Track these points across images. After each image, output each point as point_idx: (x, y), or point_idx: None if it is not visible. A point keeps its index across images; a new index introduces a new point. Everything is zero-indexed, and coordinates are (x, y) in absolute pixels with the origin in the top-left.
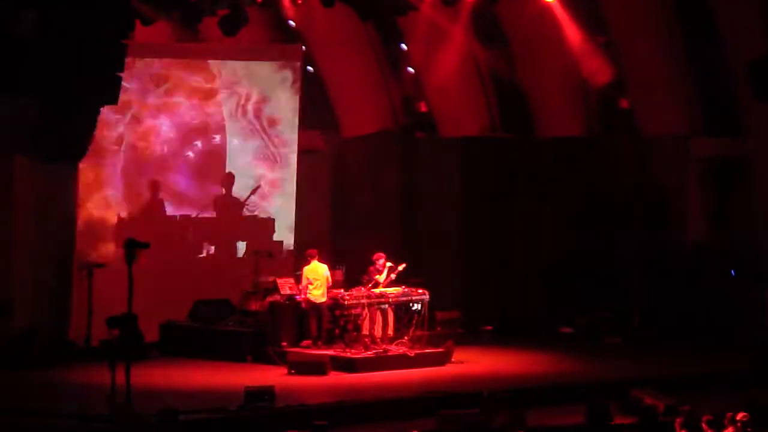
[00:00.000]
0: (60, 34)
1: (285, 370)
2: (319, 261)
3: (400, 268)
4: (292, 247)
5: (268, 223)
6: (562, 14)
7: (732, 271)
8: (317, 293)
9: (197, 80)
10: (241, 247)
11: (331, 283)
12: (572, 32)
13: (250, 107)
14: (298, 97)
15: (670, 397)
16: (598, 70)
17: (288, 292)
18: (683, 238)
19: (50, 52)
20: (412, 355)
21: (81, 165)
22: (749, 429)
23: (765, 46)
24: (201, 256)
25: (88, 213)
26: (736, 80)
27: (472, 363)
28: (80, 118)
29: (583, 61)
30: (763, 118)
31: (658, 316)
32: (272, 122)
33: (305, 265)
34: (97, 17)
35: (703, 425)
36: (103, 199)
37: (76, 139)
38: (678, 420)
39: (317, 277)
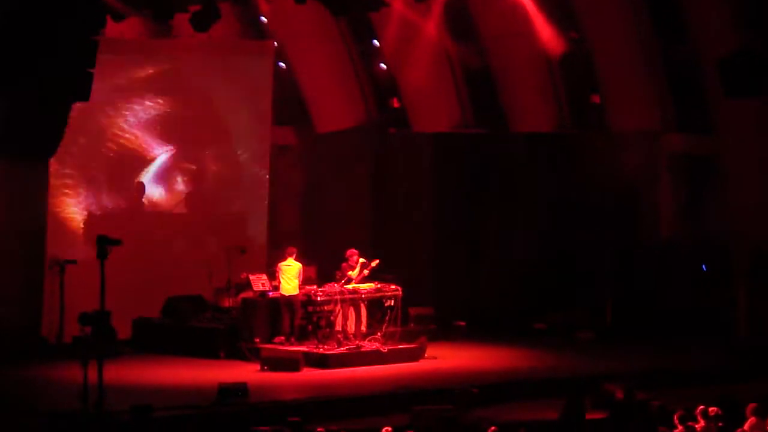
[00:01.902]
0: (30, 29)
1: (258, 367)
2: (296, 260)
3: (373, 264)
4: (264, 243)
5: (241, 219)
6: (533, 10)
7: (703, 266)
8: (289, 287)
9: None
10: (213, 243)
11: (301, 281)
12: (544, 28)
13: (223, 103)
14: (270, 93)
15: (642, 392)
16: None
17: (261, 288)
18: (655, 234)
19: (20, 49)
20: (385, 351)
21: (52, 161)
22: (720, 423)
23: (736, 42)
24: (173, 252)
25: (61, 209)
26: (708, 76)
27: (445, 359)
28: (51, 115)
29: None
30: (734, 114)
31: (631, 311)
32: (246, 118)
33: (282, 260)
34: (67, 13)
35: (675, 420)
36: (76, 196)
37: (47, 136)
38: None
39: (290, 272)
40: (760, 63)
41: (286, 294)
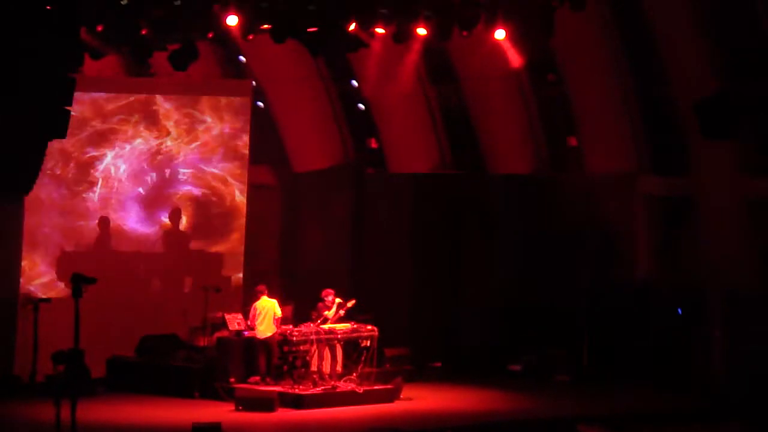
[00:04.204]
0: (7, 66)
1: (233, 407)
2: (268, 297)
3: (349, 304)
4: (240, 282)
5: (217, 258)
6: (512, 52)
7: (679, 309)
8: (262, 328)
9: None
10: (189, 281)
11: (278, 319)
12: (522, 70)
13: (200, 141)
14: (248, 132)
15: None
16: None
17: (236, 327)
18: (631, 276)
19: None
20: (361, 391)
21: (27, 199)
22: None
23: (713, 85)
24: (149, 291)
25: (34, 247)
26: (684, 118)
27: (420, 400)
28: (27, 152)
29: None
30: (710, 156)
31: (607, 354)
32: (223, 157)
33: (255, 300)
34: (45, 50)
35: None
36: (50, 234)
37: (22, 173)
38: None
39: (264, 313)
40: (736, 106)
41: (258, 333)
